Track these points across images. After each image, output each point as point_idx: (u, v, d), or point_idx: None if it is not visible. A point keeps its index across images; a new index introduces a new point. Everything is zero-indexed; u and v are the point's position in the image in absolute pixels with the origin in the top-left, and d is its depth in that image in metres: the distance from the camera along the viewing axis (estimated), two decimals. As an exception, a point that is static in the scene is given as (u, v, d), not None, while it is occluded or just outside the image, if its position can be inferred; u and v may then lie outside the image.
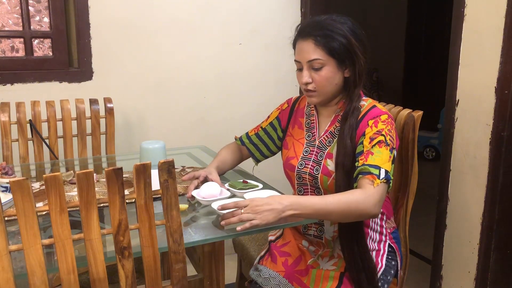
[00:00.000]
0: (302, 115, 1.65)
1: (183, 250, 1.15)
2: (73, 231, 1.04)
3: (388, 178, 1.36)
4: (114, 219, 1.06)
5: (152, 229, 1.11)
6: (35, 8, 2.39)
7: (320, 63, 1.44)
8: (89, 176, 1.01)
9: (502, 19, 1.75)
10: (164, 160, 1.07)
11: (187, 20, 2.65)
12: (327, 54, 1.43)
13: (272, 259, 1.63)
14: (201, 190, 1.50)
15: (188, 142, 2.61)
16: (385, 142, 1.39)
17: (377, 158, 1.37)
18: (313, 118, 1.60)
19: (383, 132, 1.41)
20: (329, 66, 1.45)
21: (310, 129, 1.60)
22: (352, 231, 1.47)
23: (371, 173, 1.35)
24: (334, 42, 1.42)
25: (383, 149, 1.38)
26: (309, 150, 1.56)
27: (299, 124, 1.64)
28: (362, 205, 1.32)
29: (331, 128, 1.54)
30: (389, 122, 1.44)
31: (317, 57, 1.44)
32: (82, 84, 2.48)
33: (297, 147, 1.60)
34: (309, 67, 1.46)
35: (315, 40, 1.43)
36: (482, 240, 1.93)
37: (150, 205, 1.09)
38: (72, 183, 1.67)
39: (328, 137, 1.54)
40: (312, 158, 1.54)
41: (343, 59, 1.45)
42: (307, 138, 1.59)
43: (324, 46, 1.43)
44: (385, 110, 1.48)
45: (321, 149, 1.53)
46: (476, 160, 1.91)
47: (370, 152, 1.39)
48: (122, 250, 1.09)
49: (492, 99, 1.81)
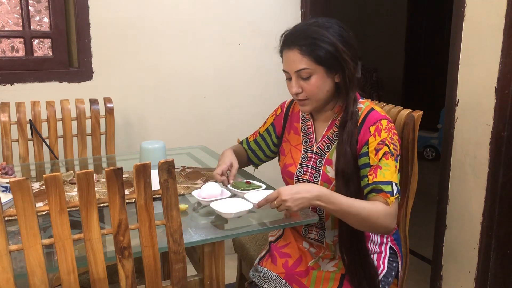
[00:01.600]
0: (298, 120, 1.63)
1: (183, 250, 1.15)
2: (73, 231, 1.04)
3: (399, 192, 1.38)
4: (114, 219, 1.06)
5: (152, 229, 1.11)
6: (35, 8, 2.39)
7: (308, 73, 1.42)
8: (89, 176, 1.01)
9: (502, 19, 1.74)
10: (164, 160, 1.07)
11: (187, 20, 2.66)
12: (314, 62, 1.40)
13: (272, 260, 1.62)
14: (201, 190, 1.50)
15: (188, 142, 2.61)
16: (390, 152, 1.39)
17: (386, 173, 1.37)
18: (308, 123, 1.59)
19: (386, 141, 1.40)
20: (317, 74, 1.42)
21: (307, 135, 1.58)
22: (351, 236, 1.46)
23: (383, 191, 1.36)
24: (319, 50, 1.39)
25: (390, 161, 1.38)
26: (307, 156, 1.55)
27: (294, 130, 1.63)
28: (382, 221, 1.34)
29: (328, 133, 1.53)
30: (390, 128, 1.43)
31: (304, 66, 1.41)
32: (82, 84, 2.48)
33: (294, 153, 1.59)
34: (298, 76, 1.44)
35: (300, 49, 1.41)
36: (482, 240, 1.92)
37: (150, 205, 1.09)
38: (72, 183, 1.67)
39: (326, 143, 1.52)
40: (311, 164, 1.53)
41: (331, 65, 1.42)
42: (304, 144, 1.58)
43: (310, 55, 1.40)
44: (384, 113, 1.47)
45: (319, 155, 1.52)
46: (476, 160, 1.90)
47: (379, 167, 1.38)
48: (122, 250, 1.09)
49: (492, 99, 1.80)
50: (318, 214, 1.52)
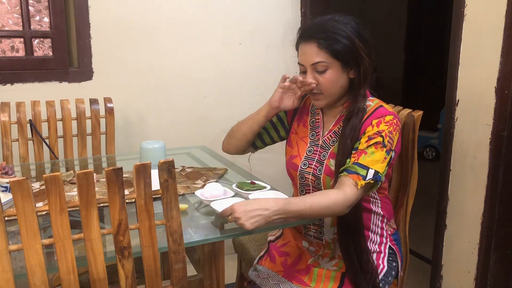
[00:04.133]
0: (307, 113, 1.63)
1: (183, 250, 1.15)
2: (73, 231, 1.04)
3: (378, 179, 1.36)
4: (114, 219, 1.06)
5: (152, 229, 1.11)
6: (35, 8, 2.38)
7: (324, 66, 1.43)
8: (89, 176, 1.01)
9: (502, 18, 1.74)
10: (164, 160, 1.07)
11: (187, 20, 2.65)
12: (331, 56, 1.42)
13: (271, 259, 1.63)
14: (204, 190, 1.50)
15: (188, 142, 2.60)
16: (382, 143, 1.38)
17: (368, 159, 1.37)
18: (318, 117, 1.59)
19: (382, 133, 1.39)
20: (333, 69, 1.43)
21: (314, 128, 1.58)
22: (350, 234, 1.47)
23: (357, 173, 1.35)
24: (337, 44, 1.41)
25: (378, 151, 1.38)
26: (312, 149, 1.55)
27: (303, 122, 1.63)
28: (340, 207, 1.33)
29: (335, 128, 1.53)
30: (393, 123, 1.42)
31: (321, 59, 1.42)
32: (82, 84, 2.48)
33: (300, 146, 1.59)
34: (313, 70, 1.45)
35: (318, 43, 1.42)
36: (482, 240, 1.92)
37: (150, 205, 1.09)
38: (72, 183, 1.67)
39: (332, 137, 1.52)
40: (316, 158, 1.53)
41: (347, 61, 1.43)
42: (311, 137, 1.58)
43: (328, 49, 1.41)
44: (392, 110, 1.47)
45: (324, 149, 1.52)
46: (476, 160, 1.90)
47: (364, 151, 1.38)
48: (122, 250, 1.09)
49: (492, 99, 1.80)
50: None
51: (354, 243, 1.47)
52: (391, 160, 1.41)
